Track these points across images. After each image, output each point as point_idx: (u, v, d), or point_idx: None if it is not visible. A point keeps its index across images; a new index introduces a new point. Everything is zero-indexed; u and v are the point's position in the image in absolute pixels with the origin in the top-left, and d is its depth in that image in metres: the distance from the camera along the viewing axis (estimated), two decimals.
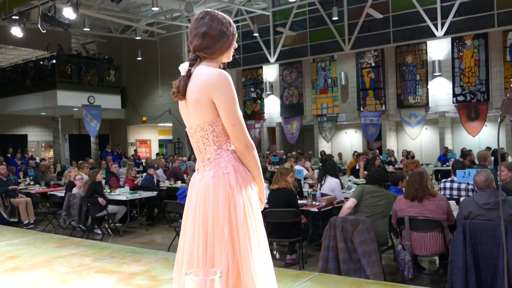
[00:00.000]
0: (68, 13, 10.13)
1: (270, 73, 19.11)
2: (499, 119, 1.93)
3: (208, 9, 2.11)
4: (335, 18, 16.58)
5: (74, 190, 8.07)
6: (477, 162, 7.70)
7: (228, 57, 2.14)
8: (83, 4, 15.66)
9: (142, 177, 10.04)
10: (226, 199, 1.94)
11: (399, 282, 4.49)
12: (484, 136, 14.74)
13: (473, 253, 4.13)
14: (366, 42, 16.81)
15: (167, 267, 4.50)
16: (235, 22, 19.68)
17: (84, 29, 18.09)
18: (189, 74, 2.02)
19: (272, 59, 18.93)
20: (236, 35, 2.14)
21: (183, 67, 2.06)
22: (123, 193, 8.31)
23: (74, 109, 19.50)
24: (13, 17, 11.51)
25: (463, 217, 4.35)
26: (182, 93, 2.02)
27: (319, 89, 17.70)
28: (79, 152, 19.40)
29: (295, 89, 18.34)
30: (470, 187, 5.53)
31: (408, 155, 12.50)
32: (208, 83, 1.96)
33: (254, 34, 18.73)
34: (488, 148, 11.58)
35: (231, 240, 1.91)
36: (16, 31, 11.19)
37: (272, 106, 19.03)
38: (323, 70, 17.65)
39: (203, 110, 1.98)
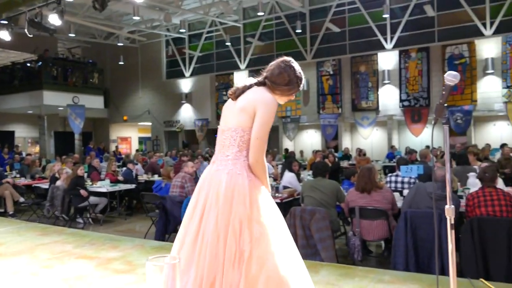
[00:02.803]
0: (54, 19, 9.78)
1: (241, 78, 19.05)
2: (433, 121, 1.99)
3: (294, 61, 2.32)
4: (298, 31, 16.71)
5: (58, 183, 7.84)
6: (419, 159, 7.92)
7: (282, 100, 2.29)
8: (69, 11, 15.21)
9: (122, 171, 9.84)
10: (240, 195, 1.99)
11: (349, 264, 4.56)
12: (426, 137, 15.16)
13: (413, 238, 4.24)
14: (325, 53, 16.99)
15: (143, 253, 4.43)
16: (210, 32, 19.67)
17: (70, 34, 17.55)
18: (249, 86, 2.19)
19: (242, 66, 18.88)
20: (299, 90, 2.33)
21: (249, 80, 2.25)
22: (103, 186, 8.13)
23: (60, 108, 18.94)
24: (2, 21, 11.05)
25: (411, 196, 4.43)
26: (236, 96, 2.17)
27: None
28: (63, 148, 18.88)
29: None
30: (412, 180, 5.67)
31: (360, 152, 12.72)
32: (259, 99, 2.10)
33: (226, 43, 18.64)
34: (427, 147, 11.92)
35: (240, 228, 1.94)
36: (4, 35, 10.74)
37: None
38: None
39: (244, 117, 2.10)
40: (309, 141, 18.42)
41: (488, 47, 14.07)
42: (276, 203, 6.14)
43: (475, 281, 3.45)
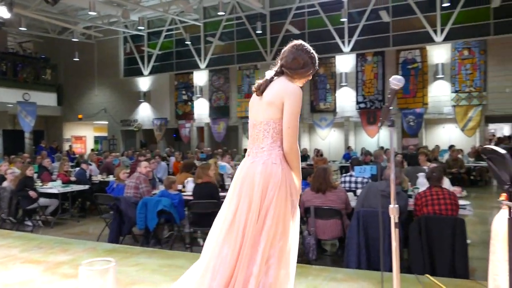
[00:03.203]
0: (2, 12, 9.31)
1: (200, 78, 18.92)
2: (379, 123, 2.05)
3: (304, 43, 2.37)
4: (259, 32, 16.80)
5: (5, 184, 7.45)
6: (373, 160, 8.16)
7: (301, 82, 2.37)
8: (20, 4, 14.53)
9: (75, 171, 9.50)
10: (274, 186, 2.14)
11: (304, 262, 4.63)
12: (381, 138, 15.68)
13: (365, 236, 4.36)
14: None
15: (94, 256, 4.29)
16: (170, 30, 19.38)
17: (20, 28, 16.73)
18: (271, 80, 2.27)
19: (202, 66, 18.75)
20: (316, 70, 2.40)
21: (269, 73, 2.31)
22: (54, 187, 7.81)
23: (9, 105, 18.04)
24: None
25: (363, 196, 4.55)
26: (261, 91, 2.26)
27: (243, 94, 17.82)
28: (13, 147, 17.98)
29: (222, 93, 18.33)
30: (365, 180, 5.83)
31: (318, 153, 12.95)
32: (284, 91, 2.20)
33: (186, 42, 18.45)
34: (382, 148, 12.32)
35: (273, 216, 2.11)
36: None
37: (201, 108, 18.86)
38: (248, 77, 17.79)
39: (273, 109, 2.21)
40: None
41: (439, 53, 14.73)
42: None
43: (421, 277, 3.60)
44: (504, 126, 16.39)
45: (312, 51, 2.37)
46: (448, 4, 13.89)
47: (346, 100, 16.05)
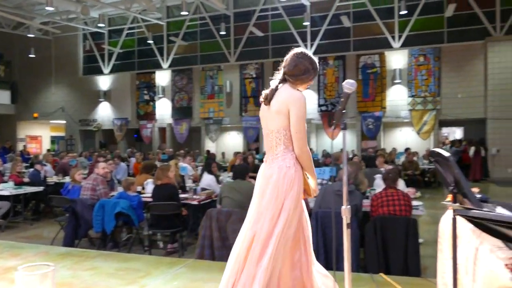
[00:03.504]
0: None
1: (163, 78, 18.64)
2: (333, 127, 2.10)
3: (304, 50, 2.51)
4: (222, 33, 16.76)
5: None
6: (333, 161, 8.30)
7: (304, 87, 2.50)
8: None
9: (29, 172, 9.10)
10: (289, 185, 2.34)
11: None
12: (341, 140, 15.97)
13: (323, 237, 4.43)
14: (249, 56, 17.23)
15: (46, 261, 4.12)
16: (131, 29, 18.99)
17: None
18: (276, 89, 2.42)
19: (165, 65, 18.49)
20: (317, 74, 2.54)
21: (273, 82, 2.45)
22: (6, 188, 7.45)
23: None
24: None
25: (320, 197, 4.62)
26: (268, 101, 2.41)
27: (206, 95, 17.73)
28: None
29: (185, 94, 18.14)
30: (325, 182, 5.93)
31: None
32: (289, 99, 2.36)
33: (149, 41, 18.15)
34: (341, 150, 12.56)
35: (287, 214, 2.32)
36: None
37: (163, 108, 18.59)
38: (211, 78, 17.70)
39: (281, 118, 2.38)
40: (231, 142, 18.53)
41: (397, 59, 15.24)
42: (193, 205, 6.06)
43: (375, 276, 3.69)
44: (456, 129, 17.15)
45: (312, 57, 2.50)
46: (405, 12, 14.41)
47: (308, 102, 16.11)
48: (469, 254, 1.56)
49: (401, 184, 5.53)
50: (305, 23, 15.75)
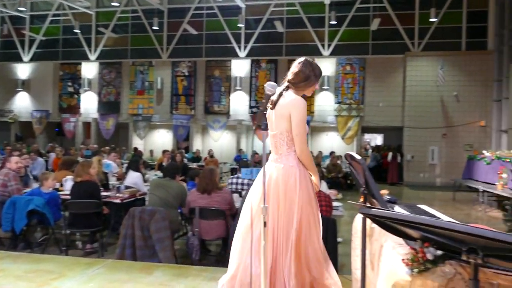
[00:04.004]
0: None
1: (89, 70, 17.73)
2: (253, 127, 2.13)
3: (308, 58, 2.68)
4: (155, 28, 16.33)
5: None
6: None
7: (308, 93, 2.71)
8: None
9: None
10: (294, 183, 2.50)
11: (188, 264, 4.59)
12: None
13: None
14: (181, 53, 16.97)
15: None
16: (57, 15, 17.87)
17: None
18: (281, 95, 2.61)
19: (92, 57, 17.62)
20: (319, 81, 2.70)
21: (279, 89, 2.64)
22: None
23: None
24: None
25: (246, 195, 4.66)
26: (274, 105, 2.60)
27: (136, 90, 17.17)
28: None
29: (113, 88, 17.41)
30: (246, 181, 6.00)
31: (209, 154, 13.02)
32: (289, 104, 2.56)
33: (75, 30, 17.16)
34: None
35: (299, 211, 2.48)
36: None
37: (89, 102, 17.69)
38: (142, 73, 17.18)
39: (284, 121, 2.58)
40: (160, 140, 18.12)
41: (326, 66, 15.84)
42: (116, 203, 5.83)
43: None
44: (377, 136, 18.26)
45: (314, 64, 2.67)
46: (335, 22, 15.06)
47: (239, 103, 16.41)
48: (375, 251, 1.67)
49: (323, 186, 5.77)
50: (239, 25, 15.86)
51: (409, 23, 15.31)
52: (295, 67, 2.66)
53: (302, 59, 2.69)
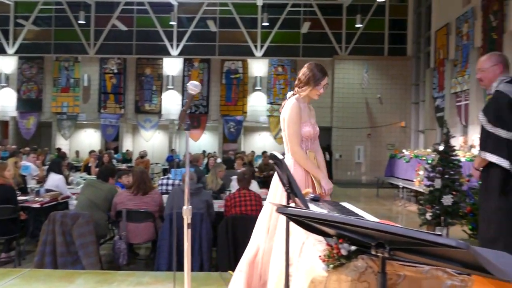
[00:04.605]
0: None
1: (7, 64, 16.40)
2: (176, 127, 2.10)
3: (313, 62, 2.77)
4: (82, 22, 15.52)
5: None
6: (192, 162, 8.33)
7: (314, 96, 2.78)
8: None
9: None
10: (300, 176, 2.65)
11: (115, 269, 4.41)
12: (204, 142, 16.20)
13: (177, 238, 4.39)
14: (110, 50, 16.29)
15: None
16: None
17: None
18: (286, 99, 2.83)
19: (10, 51, 16.32)
20: (323, 83, 2.73)
21: (288, 94, 2.85)
22: None
23: None
24: None
25: (171, 198, 4.58)
26: (281, 110, 2.82)
27: (60, 88, 16.18)
28: None
29: (34, 85, 16.26)
30: (176, 182, 5.91)
31: (140, 154, 12.63)
32: (285, 107, 2.78)
33: None
34: (204, 152, 12.76)
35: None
36: None
37: (6, 99, 16.36)
38: (66, 69, 16.22)
39: (283, 124, 2.79)
40: (87, 141, 17.24)
41: (258, 67, 16.08)
42: (35, 208, 5.45)
43: (224, 274, 3.81)
44: None
45: (317, 68, 2.71)
46: (267, 24, 15.32)
47: (171, 103, 16.10)
48: (296, 248, 1.70)
49: (254, 185, 5.83)
50: (172, 23, 15.56)
51: (337, 28, 15.99)
52: (300, 71, 2.81)
53: (308, 63, 2.80)
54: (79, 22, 15.59)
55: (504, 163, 2.52)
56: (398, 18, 16.09)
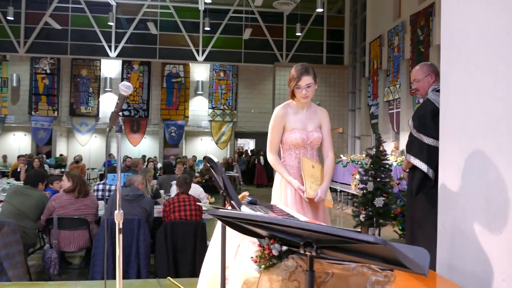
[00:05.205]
0: None
1: None
2: (107, 129, 2.05)
3: (299, 63, 2.69)
4: (10, 18, 14.54)
5: None
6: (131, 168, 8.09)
7: (301, 99, 2.58)
8: None
9: None
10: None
11: (45, 279, 4.17)
12: (143, 147, 15.79)
13: (113, 245, 4.24)
14: (43, 49, 15.42)
15: None
16: None
17: None
18: None
19: None
20: (303, 84, 2.56)
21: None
22: None
23: None
24: None
25: (110, 203, 4.42)
26: None
27: None
28: None
29: None
30: (113, 187, 5.73)
31: (75, 159, 12.06)
32: None
33: None
34: (144, 156, 12.44)
35: None
36: None
37: None
38: None
39: None
40: (16, 144, 16.14)
41: (200, 71, 16.00)
42: None
43: (162, 280, 3.73)
44: (250, 141, 19.01)
45: (294, 69, 2.61)
46: (208, 29, 15.29)
47: (110, 106, 15.54)
48: (232, 250, 1.72)
49: (194, 190, 5.78)
50: (110, 23, 15.05)
51: (278, 35, 16.33)
52: None
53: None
54: (7, 18, 14.60)
55: (423, 166, 2.72)
56: (335, 29, 16.75)
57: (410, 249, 1.12)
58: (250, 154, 17.39)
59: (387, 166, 5.89)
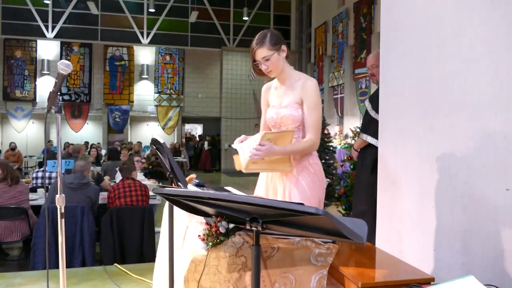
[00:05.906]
0: None
1: None
2: (46, 110, 1.96)
3: None
4: None
5: None
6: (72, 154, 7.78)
7: (266, 73, 2.22)
8: None
9: None
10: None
11: None
12: (86, 133, 15.15)
13: (55, 233, 4.08)
14: None
15: None
16: None
17: None
18: None
19: None
20: (258, 57, 2.25)
21: None
22: None
23: None
24: None
25: (52, 191, 4.24)
26: None
27: None
28: None
29: None
30: (54, 174, 5.50)
31: (10, 147, 11.36)
32: None
33: None
34: (86, 143, 11.96)
35: None
36: None
37: None
38: None
39: None
40: None
41: (145, 54, 15.51)
42: None
43: (109, 267, 3.66)
44: (197, 126, 18.81)
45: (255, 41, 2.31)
46: (153, 10, 14.80)
47: (47, 90, 14.57)
48: (181, 232, 1.73)
49: (140, 175, 5.68)
50: (46, 1, 14.13)
51: (225, 19, 16.16)
52: None
53: None
54: None
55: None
56: (282, 14, 16.85)
57: (349, 220, 1.19)
58: (198, 139, 17.26)
59: (331, 148, 6.10)
